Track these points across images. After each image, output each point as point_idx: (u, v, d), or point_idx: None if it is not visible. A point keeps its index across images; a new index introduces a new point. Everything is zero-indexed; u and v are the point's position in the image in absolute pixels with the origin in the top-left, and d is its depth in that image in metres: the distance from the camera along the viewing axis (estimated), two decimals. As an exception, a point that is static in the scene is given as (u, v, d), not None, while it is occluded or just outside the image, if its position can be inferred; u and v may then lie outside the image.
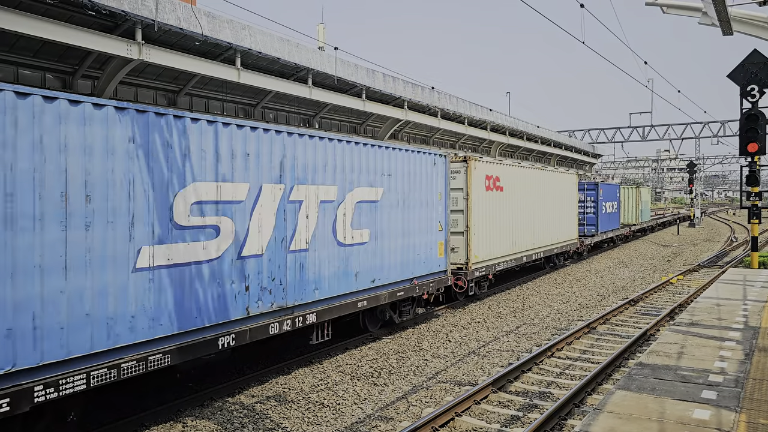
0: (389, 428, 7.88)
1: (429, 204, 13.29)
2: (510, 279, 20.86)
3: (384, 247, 11.68)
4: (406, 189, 12.46)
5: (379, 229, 11.50)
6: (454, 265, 15.43)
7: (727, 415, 5.47)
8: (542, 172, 21.35)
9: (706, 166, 78.97)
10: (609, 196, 30.72)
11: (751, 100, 15.23)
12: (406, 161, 12.45)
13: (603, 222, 29.59)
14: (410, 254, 12.60)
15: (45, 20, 10.54)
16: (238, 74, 14.51)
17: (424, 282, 13.07)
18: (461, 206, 15.63)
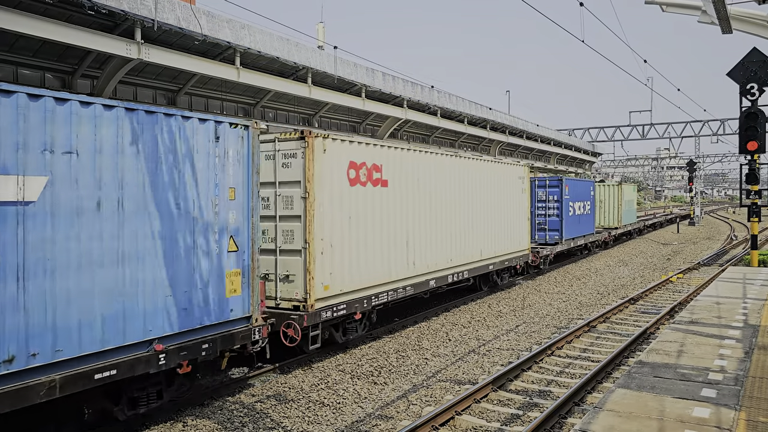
0: (389, 427, 7.89)
1: (185, 211, 7.64)
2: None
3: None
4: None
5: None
6: (287, 302, 10.32)
7: (726, 413, 5.47)
8: (465, 162, 15.91)
9: (705, 164, 78.98)
10: (578, 194, 25.34)
11: (750, 99, 15.24)
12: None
13: (570, 226, 24.16)
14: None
15: (44, 20, 10.54)
16: (237, 73, 14.50)
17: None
18: (297, 210, 10.30)
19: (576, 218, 25.01)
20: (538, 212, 23.34)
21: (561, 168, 46.05)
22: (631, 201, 35.78)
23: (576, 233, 25.12)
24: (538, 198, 23.48)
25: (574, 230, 24.90)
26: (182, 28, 12.47)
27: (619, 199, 32.64)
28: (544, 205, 23.47)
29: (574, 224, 24.78)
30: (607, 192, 32.50)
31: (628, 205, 34.89)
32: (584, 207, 26.10)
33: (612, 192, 32.79)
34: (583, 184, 26.40)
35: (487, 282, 18.10)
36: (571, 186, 24.43)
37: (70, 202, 6.44)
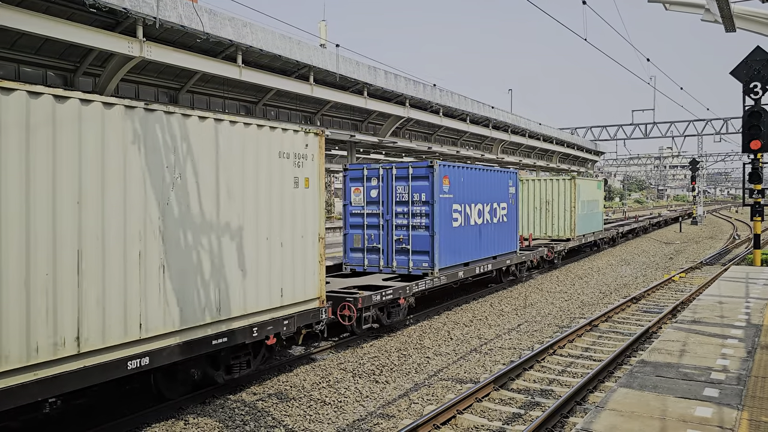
0: (391, 426, 7.88)
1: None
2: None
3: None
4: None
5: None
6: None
7: (729, 412, 5.45)
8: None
9: (708, 163, 78.86)
10: (476, 191, 15.98)
11: (753, 98, 15.18)
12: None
13: (453, 245, 14.80)
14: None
15: (46, 18, 10.53)
16: (239, 72, 14.49)
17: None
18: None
19: (467, 232, 15.49)
20: (396, 221, 14.33)
21: (563, 167, 45.98)
22: (593, 202, 27.40)
23: (471, 255, 15.76)
24: (398, 198, 14.33)
25: (465, 251, 15.50)
26: (184, 26, 12.46)
27: (573, 200, 24.24)
28: (405, 211, 14.27)
29: (463, 242, 15.31)
30: (550, 190, 24.65)
31: (587, 207, 26.31)
32: (493, 212, 17.01)
33: (560, 189, 24.54)
34: (487, 175, 16.82)
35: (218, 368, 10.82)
36: (457, 177, 14.92)
37: None
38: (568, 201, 24.47)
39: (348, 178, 14.84)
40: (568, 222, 24.53)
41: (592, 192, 27.50)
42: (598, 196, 28.70)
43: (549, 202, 24.69)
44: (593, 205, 27.70)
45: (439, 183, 14.03)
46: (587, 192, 26.54)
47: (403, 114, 21.70)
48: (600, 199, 28.96)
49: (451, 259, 14.71)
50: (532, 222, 24.93)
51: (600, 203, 29.02)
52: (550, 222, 24.72)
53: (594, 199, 27.76)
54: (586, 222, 26.28)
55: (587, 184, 26.70)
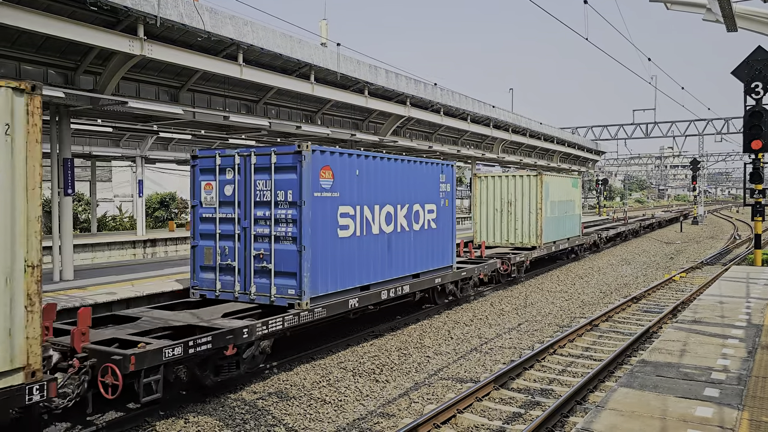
0: (391, 425, 7.88)
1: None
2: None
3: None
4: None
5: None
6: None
7: (729, 412, 5.45)
8: None
9: (709, 163, 78.80)
10: (381, 190, 12.13)
11: (755, 97, 15.17)
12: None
13: (340, 263, 10.95)
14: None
15: (47, 16, 10.52)
16: (240, 70, 14.48)
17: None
18: None
19: (369, 244, 11.71)
20: (256, 230, 10.46)
21: (564, 166, 45.97)
22: (567, 203, 23.45)
23: (374, 275, 11.92)
24: (258, 198, 10.50)
25: (367, 269, 11.69)
26: (185, 24, 12.46)
27: (539, 200, 20.45)
28: (267, 215, 10.41)
29: (363, 257, 11.54)
30: (512, 188, 20.81)
31: (559, 209, 22.57)
32: (413, 217, 13.15)
33: (524, 188, 20.71)
34: (404, 168, 12.82)
35: None
36: (346, 169, 11.05)
37: None
38: (534, 202, 20.53)
39: (197, 170, 11.11)
40: (534, 227, 20.58)
41: (565, 191, 23.21)
42: (574, 196, 24.51)
43: (511, 203, 20.83)
44: (568, 206, 23.57)
45: (311, 176, 10.02)
46: (559, 191, 22.42)
47: (403, 113, 21.68)
48: (577, 199, 24.98)
49: (334, 283, 10.67)
50: (491, 227, 21.11)
51: (577, 204, 25.05)
52: (512, 227, 20.85)
53: (569, 200, 23.64)
54: (557, 226, 22.27)
55: (559, 181, 22.60)
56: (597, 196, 59.13)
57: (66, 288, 11.78)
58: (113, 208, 41.53)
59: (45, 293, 10.92)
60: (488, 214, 21.24)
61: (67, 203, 13.41)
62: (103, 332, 8.52)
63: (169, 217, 39.53)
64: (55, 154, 13.19)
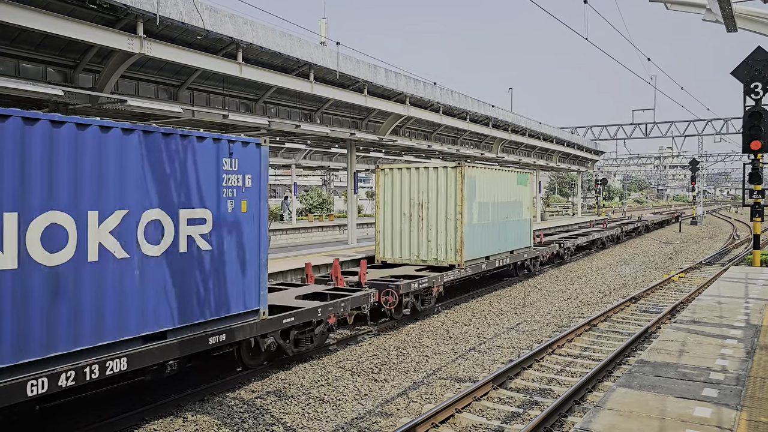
0: (389, 424, 7.88)
1: None
2: None
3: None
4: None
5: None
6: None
7: (728, 413, 5.45)
8: None
9: (708, 163, 78.87)
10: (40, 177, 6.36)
11: (754, 98, 15.18)
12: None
13: None
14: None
15: (46, 13, 10.50)
16: (239, 69, 14.46)
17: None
18: None
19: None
20: None
21: (563, 166, 45.99)
22: (508, 205, 18.25)
23: None
24: None
25: None
26: (185, 22, 12.43)
27: (459, 202, 15.36)
28: None
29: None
30: (425, 184, 15.82)
31: (495, 213, 17.41)
32: (147, 232, 7.55)
33: (440, 184, 15.66)
34: (113, 141, 7.19)
35: None
36: None
37: None
38: (452, 203, 15.34)
39: None
40: (452, 238, 15.30)
41: (506, 189, 18.09)
42: (521, 196, 19.23)
43: (423, 206, 15.69)
44: (510, 209, 18.39)
45: None
46: (494, 189, 17.26)
47: (403, 112, 21.67)
48: (525, 200, 19.64)
49: None
50: (398, 238, 16.04)
51: (526, 206, 19.72)
52: (424, 238, 15.63)
53: (512, 201, 18.51)
54: (492, 236, 17.14)
55: (493, 177, 17.24)
56: (596, 196, 59.13)
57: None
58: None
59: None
60: (394, 220, 16.09)
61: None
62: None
63: None
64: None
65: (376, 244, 16.43)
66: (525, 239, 19.90)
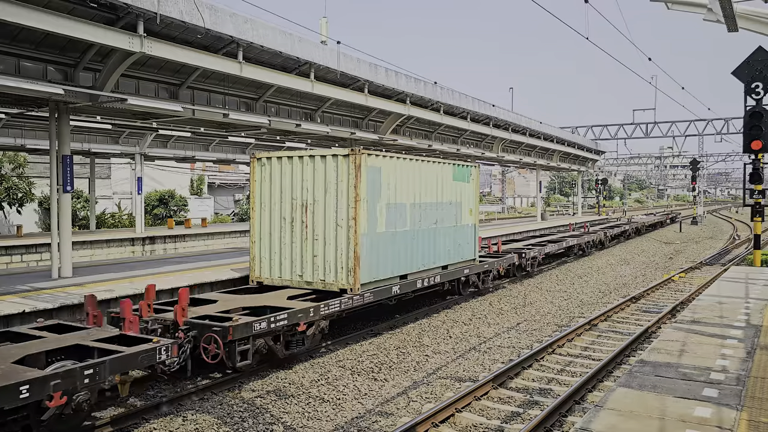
0: (389, 423, 7.87)
1: None
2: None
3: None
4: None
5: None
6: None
7: (728, 413, 5.44)
8: None
9: (709, 163, 78.79)
10: None
11: (755, 98, 15.16)
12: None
13: None
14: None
15: (47, 12, 10.49)
16: (240, 68, 14.45)
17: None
18: None
19: None
20: None
21: (564, 166, 45.96)
22: (439, 207, 14.25)
23: None
24: None
25: None
26: (185, 21, 12.43)
27: (354, 203, 11.27)
28: None
29: None
30: (311, 177, 11.77)
31: (417, 218, 13.33)
32: None
33: (329, 178, 11.60)
34: None
35: None
36: None
37: None
38: (344, 205, 11.34)
39: None
40: (344, 252, 11.36)
41: (432, 186, 13.81)
42: (460, 195, 15.04)
43: (308, 207, 11.69)
44: (441, 212, 14.22)
45: None
46: (413, 185, 12.99)
47: (403, 112, 21.66)
48: (467, 200, 15.42)
49: None
50: (277, 251, 12.02)
51: (466, 208, 15.38)
52: (309, 251, 11.71)
53: (445, 201, 14.38)
54: (406, 249, 12.83)
55: (410, 169, 12.92)
56: (596, 196, 59.08)
57: (64, 285, 11.73)
58: (112, 205, 41.48)
59: (42, 290, 10.94)
60: (273, 227, 12.04)
61: (66, 200, 13.37)
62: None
63: (168, 214, 39.53)
64: (54, 151, 13.16)
65: (251, 259, 12.33)
66: (467, 250, 15.54)
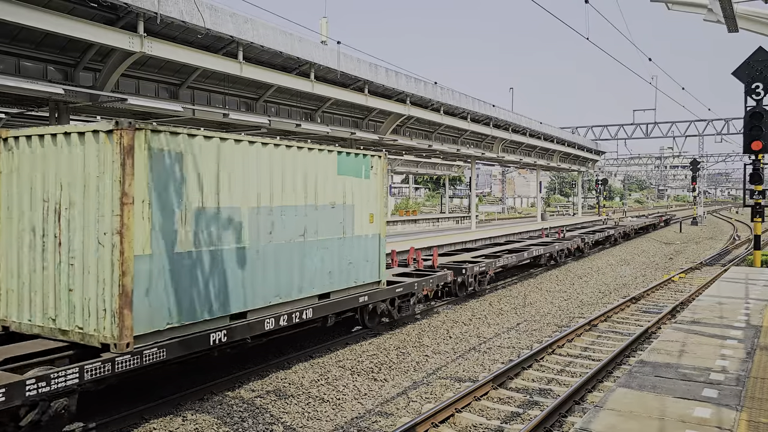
0: (389, 424, 7.87)
1: None
2: None
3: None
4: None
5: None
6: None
7: (728, 413, 5.44)
8: None
9: (709, 163, 78.80)
10: None
11: (755, 98, 15.18)
12: None
13: None
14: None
15: (47, 12, 10.50)
16: (240, 68, 14.45)
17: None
18: None
19: None
20: None
21: (564, 166, 45.96)
22: (303, 213, 10.02)
23: None
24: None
25: None
26: (185, 21, 12.43)
27: (119, 209, 7.08)
28: None
29: None
30: (75, 170, 7.44)
31: (252, 229, 8.96)
32: None
33: (81, 169, 7.40)
34: None
35: None
36: None
37: None
38: (107, 210, 7.24)
39: None
40: (107, 284, 7.20)
41: (297, 181, 9.99)
42: (351, 195, 11.21)
43: (63, 214, 7.63)
44: (316, 220, 10.38)
45: None
46: (256, 180, 9.14)
47: (403, 112, 21.65)
48: (365, 202, 11.61)
49: None
50: (26, 279, 7.88)
51: (362, 213, 11.55)
52: (65, 280, 7.57)
53: (324, 204, 10.56)
54: (243, 275, 8.87)
55: (253, 156, 9.08)
56: (597, 196, 59.08)
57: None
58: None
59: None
60: (22, 244, 8.03)
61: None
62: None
63: None
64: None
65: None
66: (366, 270, 11.51)
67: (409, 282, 13.07)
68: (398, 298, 12.81)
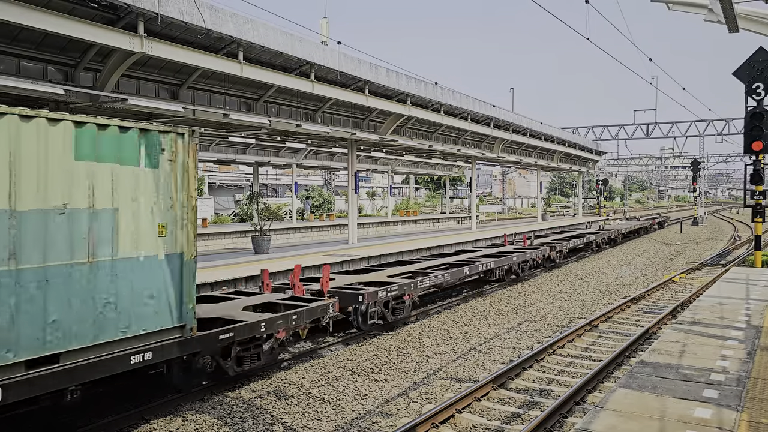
0: (389, 424, 7.87)
1: None
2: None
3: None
4: None
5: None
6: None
7: (728, 414, 5.43)
8: None
9: (710, 164, 78.77)
10: None
11: (756, 98, 15.17)
12: None
13: None
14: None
15: (47, 12, 10.50)
16: (240, 68, 14.45)
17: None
18: None
19: None
20: None
21: (564, 166, 45.95)
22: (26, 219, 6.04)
23: None
24: None
25: None
26: (185, 21, 12.43)
27: None
28: None
29: None
30: None
31: None
32: None
33: None
34: None
35: None
36: None
37: None
38: None
39: None
40: None
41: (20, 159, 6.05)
42: (109, 194, 6.95)
43: None
44: (20, 236, 6.01)
45: None
46: None
47: (404, 112, 21.66)
48: (143, 203, 7.27)
49: None
50: None
51: (138, 222, 7.19)
52: None
53: (55, 209, 6.38)
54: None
55: None
56: (597, 196, 59.06)
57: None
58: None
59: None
60: None
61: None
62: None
63: None
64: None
65: None
66: (149, 311, 7.39)
67: (250, 323, 8.87)
68: (237, 346, 8.80)
